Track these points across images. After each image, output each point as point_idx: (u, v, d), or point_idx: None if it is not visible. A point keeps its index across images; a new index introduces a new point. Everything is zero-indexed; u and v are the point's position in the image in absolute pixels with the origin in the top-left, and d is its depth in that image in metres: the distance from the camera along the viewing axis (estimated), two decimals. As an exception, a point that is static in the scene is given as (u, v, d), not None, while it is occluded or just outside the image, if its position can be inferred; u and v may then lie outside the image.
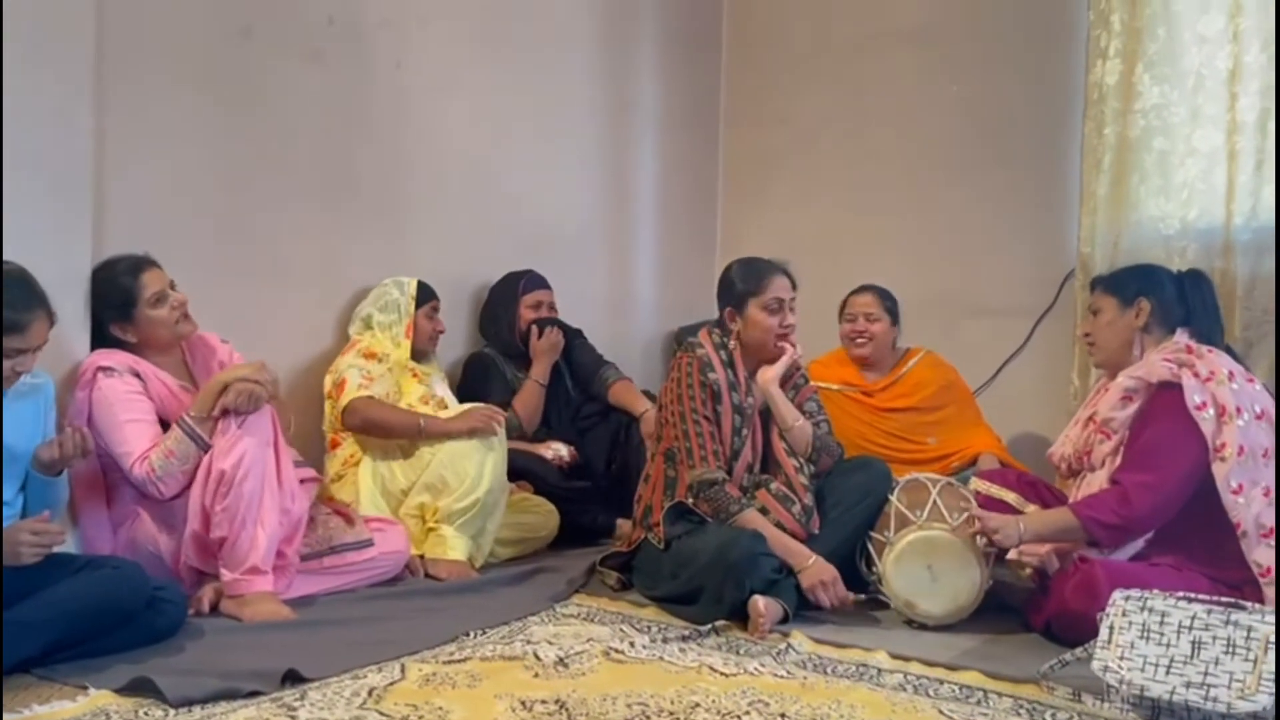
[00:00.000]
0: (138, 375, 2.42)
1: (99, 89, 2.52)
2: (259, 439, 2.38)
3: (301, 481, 2.59)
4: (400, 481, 2.87)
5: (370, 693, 1.93)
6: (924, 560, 2.44)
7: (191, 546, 2.39)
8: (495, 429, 2.87)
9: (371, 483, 2.87)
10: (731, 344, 2.72)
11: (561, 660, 2.13)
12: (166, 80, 2.73)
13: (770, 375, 2.70)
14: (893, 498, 2.59)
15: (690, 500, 2.59)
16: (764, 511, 2.57)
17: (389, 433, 2.88)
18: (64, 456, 2.11)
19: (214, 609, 2.37)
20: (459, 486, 2.79)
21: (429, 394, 3.04)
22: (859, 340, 3.43)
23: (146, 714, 1.81)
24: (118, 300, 2.44)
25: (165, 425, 2.42)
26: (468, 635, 2.30)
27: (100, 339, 2.47)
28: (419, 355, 3.16)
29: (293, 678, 1.97)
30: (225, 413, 2.35)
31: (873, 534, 2.59)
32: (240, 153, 2.91)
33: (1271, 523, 2.23)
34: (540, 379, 3.39)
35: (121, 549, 2.40)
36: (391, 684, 1.98)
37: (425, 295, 3.18)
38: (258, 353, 2.60)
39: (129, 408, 2.38)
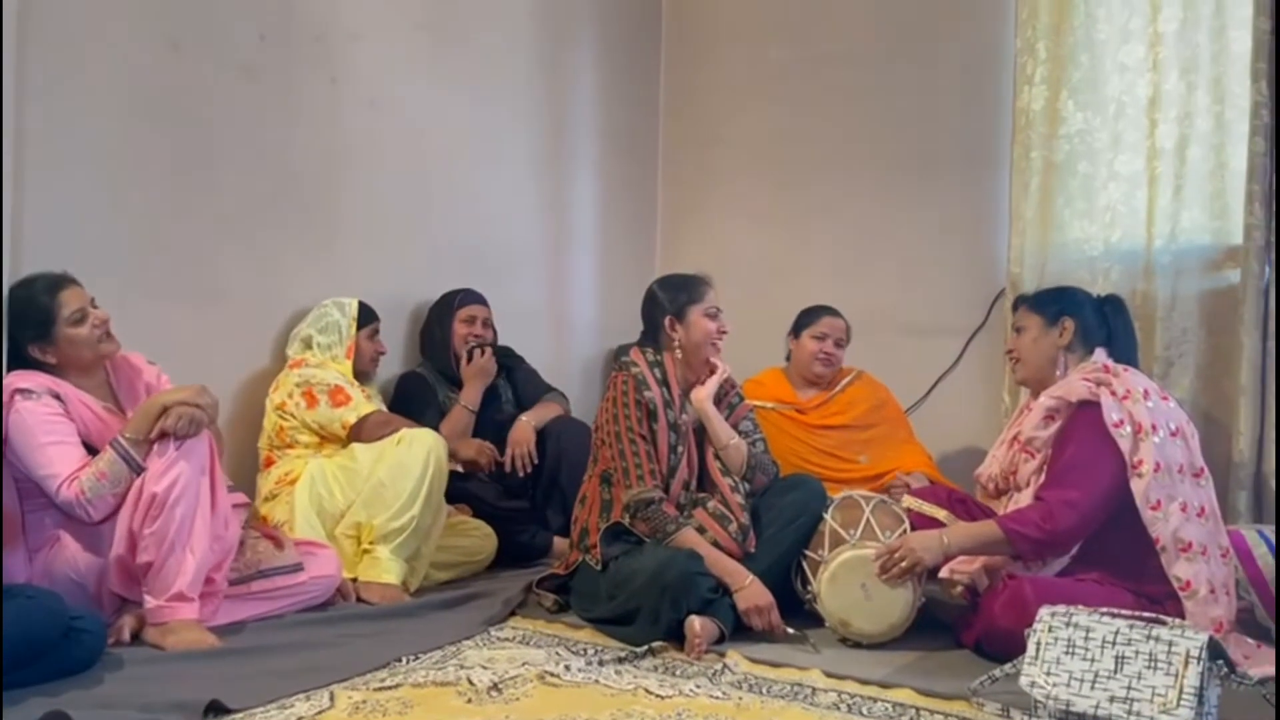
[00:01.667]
0: (58, 397, 2.35)
1: (20, 101, 2.45)
2: (195, 463, 2.33)
3: (233, 506, 2.53)
4: (339, 501, 2.82)
5: (297, 722, 1.89)
6: (858, 579, 2.46)
7: (116, 572, 2.32)
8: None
9: (308, 502, 2.81)
10: (666, 360, 2.73)
11: (495, 685, 2.10)
12: (91, 94, 2.67)
13: (704, 394, 2.71)
14: (827, 516, 2.61)
15: (627, 520, 2.58)
16: (701, 530, 2.58)
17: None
18: None
19: (135, 638, 2.31)
20: (396, 502, 2.75)
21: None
22: (828, 361, 3.46)
23: (61, 749, 1.75)
24: (35, 319, 2.37)
25: (89, 448, 2.35)
26: (400, 661, 2.26)
27: (17, 360, 2.39)
28: (360, 377, 3.12)
29: (216, 709, 1.91)
30: (163, 435, 2.30)
31: (807, 552, 2.61)
32: (169, 168, 2.86)
33: (1189, 537, 2.29)
34: (470, 404, 3.34)
35: (38, 576, 2.32)
36: (320, 713, 1.94)
37: (367, 317, 3.15)
38: (185, 374, 2.55)
39: (50, 430, 2.30)
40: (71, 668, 2.06)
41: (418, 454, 2.79)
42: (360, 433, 2.90)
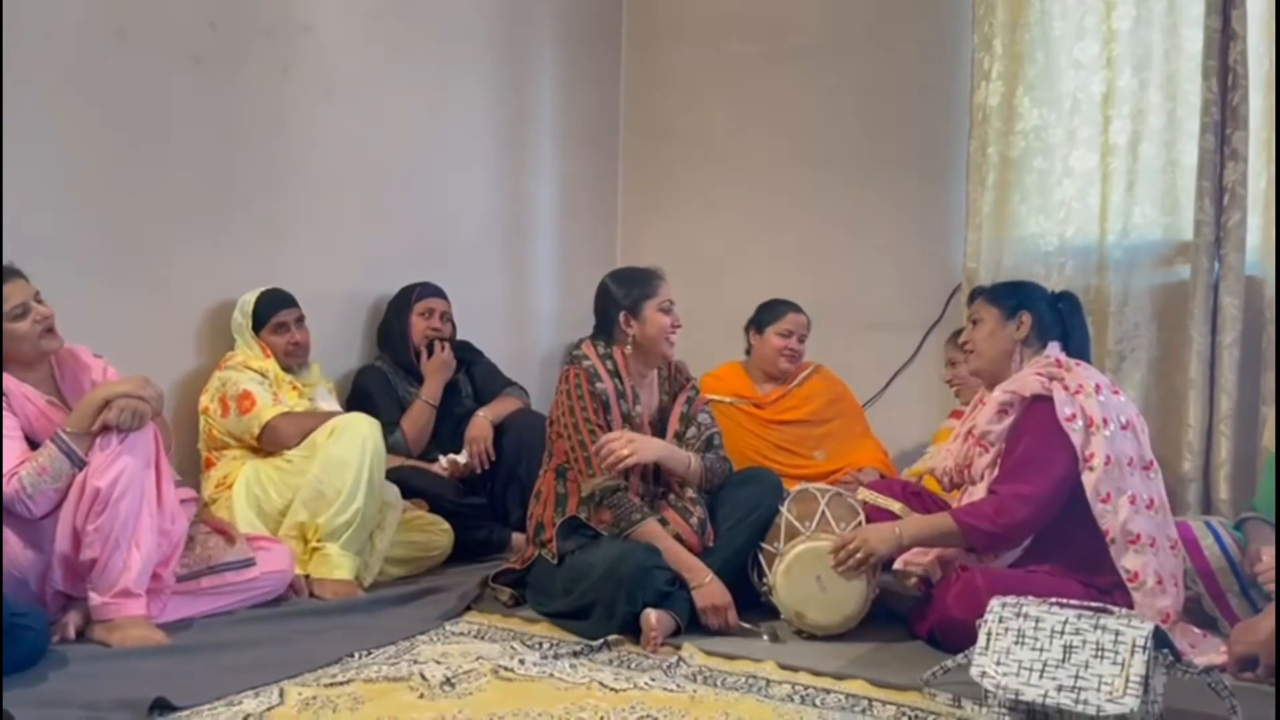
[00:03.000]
0: (-1, 391, 2.30)
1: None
2: (140, 457, 2.29)
3: (181, 501, 2.49)
4: (275, 501, 2.78)
5: (245, 719, 1.86)
6: (813, 571, 2.47)
7: (59, 568, 2.28)
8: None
9: (246, 504, 2.77)
10: (616, 353, 2.72)
11: (448, 680, 2.09)
12: (35, 81, 2.62)
13: (655, 446, 2.63)
14: (783, 509, 2.62)
15: (587, 510, 2.56)
16: (664, 523, 2.57)
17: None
18: None
19: (80, 635, 2.27)
20: (337, 499, 2.72)
21: (313, 409, 2.97)
22: (793, 357, 3.47)
23: (0, 749, 1.71)
24: (-25, 313, 2.31)
25: (32, 443, 2.30)
26: (352, 656, 2.23)
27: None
28: (288, 369, 3.06)
29: (162, 706, 1.88)
30: (105, 429, 2.25)
31: (764, 545, 2.62)
32: (115, 158, 2.80)
33: (1138, 529, 2.32)
34: (431, 399, 3.31)
35: (-22, 573, 2.27)
36: (268, 709, 1.92)
37: (270, 309, 3.03)
38: (131, 366, 2.50)
39: (-10, 424, 2.25)
40: (13, 666, 2.01)
41: (352, 445, 2.75)
42: (273, 440, 2.83)
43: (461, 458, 3.21)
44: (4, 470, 2.22)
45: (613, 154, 4.61)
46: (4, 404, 2.29)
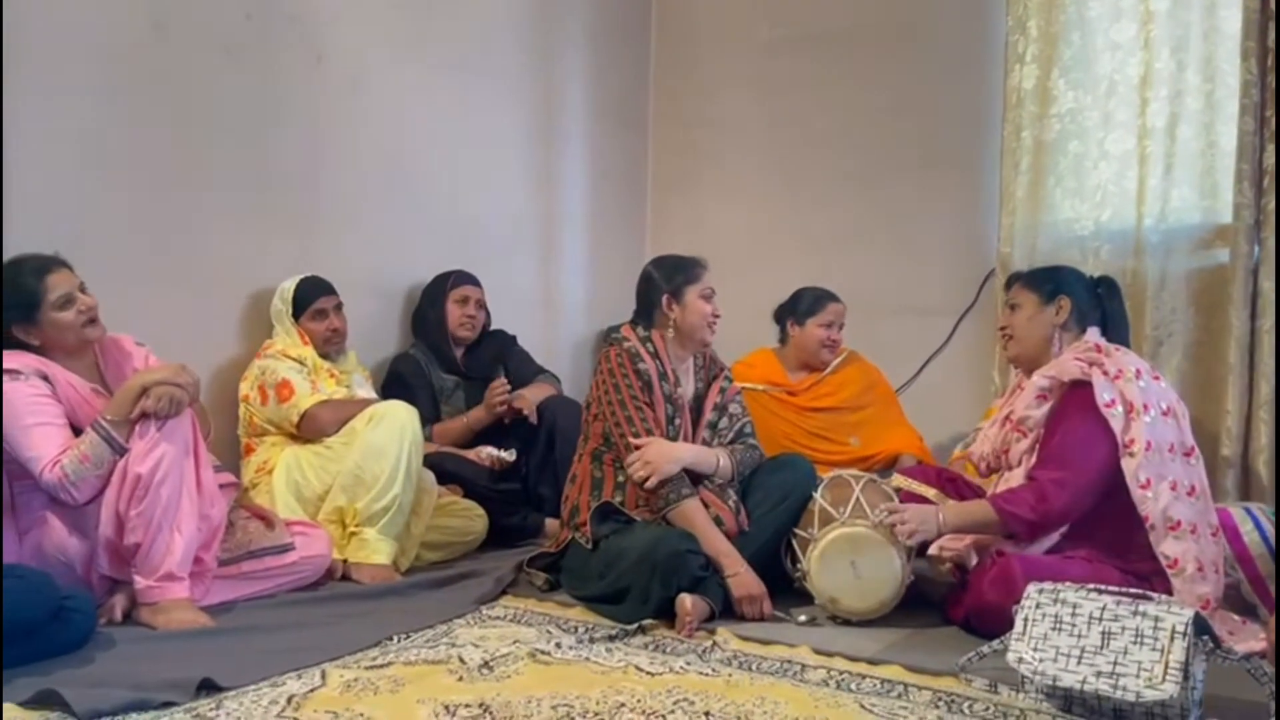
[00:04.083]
0: (46, 378, 2.34)
1: (4, 83, 2.43)
2: (178, 443, 2.32)
3: (220, 486, 2.53)
4: (315, 486, 2.82)
5: (289, 700, 1.89)
6: (847, 557, 2.47)
7: (104, 553, 2.32)
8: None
9: (286, 490, 2.81)
10: (655, 337, 2.73)
11: (486, 663, 2.11)
12: (75, 75, 2.65)
13: (681, 451, 2.63)
14: (816, 495, 2.62)
15: (622, 495, 2.58)
16: (705, 506, 2.57)
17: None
18: None
19: (127, 618, 2.31)
20: (375, 484, 2.75)
21: (350, 396, 3.00)
22: (835, 348, 3.48)
23: (52, 728, 1.75)
24: (21, 302, 2.35)
25: (76, 430, 2.34)
26: (391, 640, 2.26)
27: (3, 341, 2.38)
28: (326, 356, 3.09)
29: (208, 687, 1.92)
30: (144, 416, 2.29)
31: (797, 531, 2.62)
32: (153, 149, 2.84)
33: (1179, 516, 2.31)
34: (474, 424, 3.31)
35: (28, 557, 2.32)
36: (311, 691, 1.95)
37: (309, 296, 3.06)
38: (173, 355, 2.54)
39: (36, 411, 2.29)
40: (62, 647, 2.06)
41: (390, 432, 2.78)
42: (312, 427, 2.86)
43: (508, 454, 3.23)
44: (48, 458, 2.27)
45: (642, 141, 4.61)
46: (49, 392, 2.34)
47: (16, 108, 2.49)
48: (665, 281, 2.74)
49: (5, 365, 2.30)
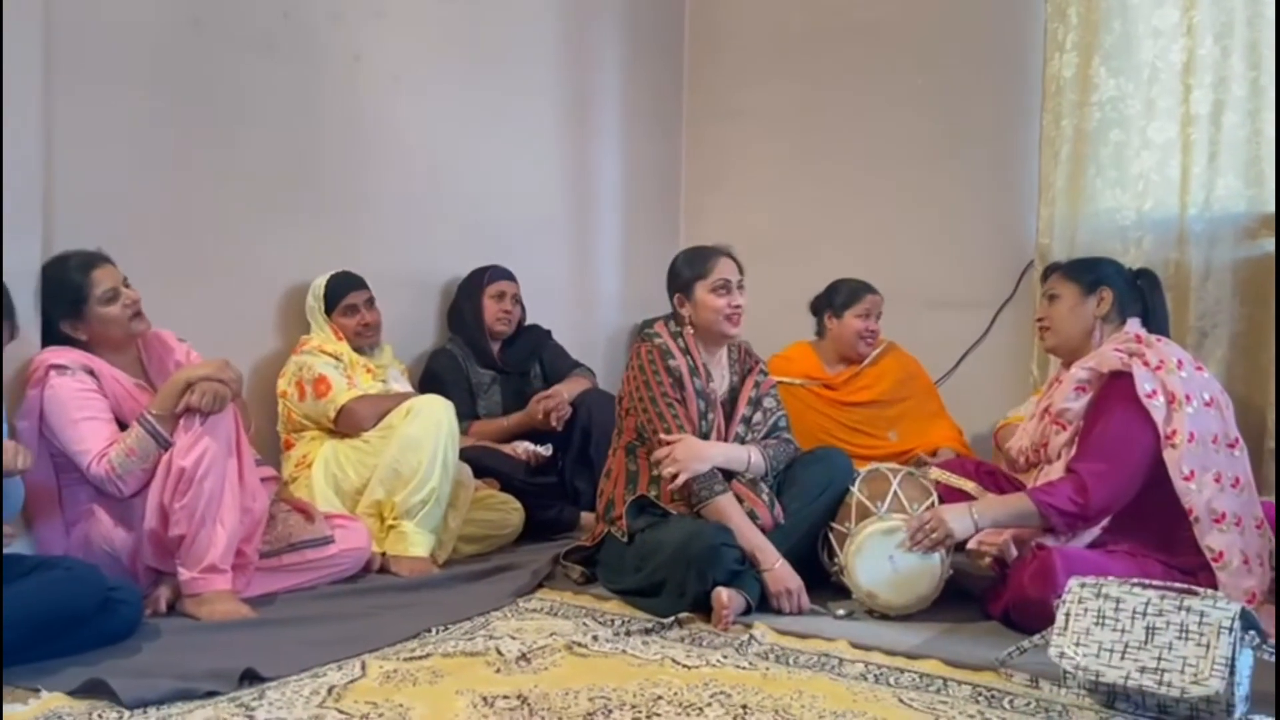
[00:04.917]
0: (92, 373, 2.38)
1: (48, 82, 2.47)
2: (221, 437, 2.35)
3: (261, 480, 2.56)
4: (353, 480, 2.85)
5: (330, 691, 1.91)
6: (885, 551, 2.45)
7: (149, 545, 2.36)
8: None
9: (325, 484, 2.85)
10: (686, 333, 2.72)
11: (524, 655, 2.12)
12: (116, 73, 2.69)
13: (714, 450, 2.61)
14: (854, 489, 2.60)
15: (657, 489, 2.58)
16: (739, 500, 2.57)
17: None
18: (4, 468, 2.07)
19: (171, 609, 2.35)
20: (413, 478, 2.77)
21: (386, 390, 3.02)
22: (873, 340, 3.46)
23: (100, 716, 1.78)
24: (68, 297, 2.40)
25: (121, 424, 2.38)
26: (429, 632, 2.28)
27: (50, 336, 2.43)
28: (361, 350, 3.12)
29: (251, 677, 1.94)
30: (188, 410, 2.32)
31: (834, 525, 2.61)
32: (192, 147, 2.88)
33: (1223, 508, 2.27)
34: (513, 428, 3.32)
35: (75, 549, 2.37)
36: (351, 682, 1.97)
37: (340, 291, 3.09)
38: (211, 351, 2.57)
39: (83, 405, 2.34)
40: (109, 638, 2.10)
41: (427, 426, 2.80)
42: (349, 422, 2.89)
43: (545, 449, 3.25)
44: (95, 451, 2.31)
45: (676, 134, 4.60)
46: (95, 386, 2.38)
47: (58, 103, 2.52)
48: (676, 279, 2.73)
49: (52, 360, 2.35)
